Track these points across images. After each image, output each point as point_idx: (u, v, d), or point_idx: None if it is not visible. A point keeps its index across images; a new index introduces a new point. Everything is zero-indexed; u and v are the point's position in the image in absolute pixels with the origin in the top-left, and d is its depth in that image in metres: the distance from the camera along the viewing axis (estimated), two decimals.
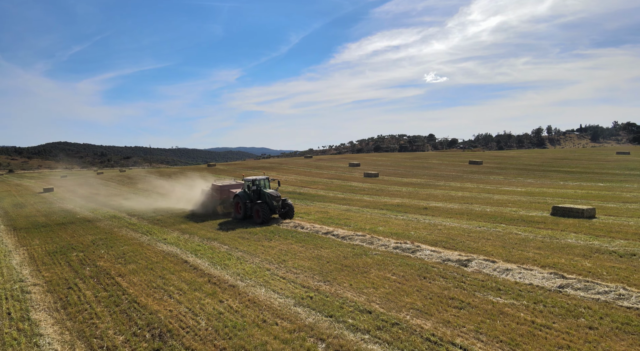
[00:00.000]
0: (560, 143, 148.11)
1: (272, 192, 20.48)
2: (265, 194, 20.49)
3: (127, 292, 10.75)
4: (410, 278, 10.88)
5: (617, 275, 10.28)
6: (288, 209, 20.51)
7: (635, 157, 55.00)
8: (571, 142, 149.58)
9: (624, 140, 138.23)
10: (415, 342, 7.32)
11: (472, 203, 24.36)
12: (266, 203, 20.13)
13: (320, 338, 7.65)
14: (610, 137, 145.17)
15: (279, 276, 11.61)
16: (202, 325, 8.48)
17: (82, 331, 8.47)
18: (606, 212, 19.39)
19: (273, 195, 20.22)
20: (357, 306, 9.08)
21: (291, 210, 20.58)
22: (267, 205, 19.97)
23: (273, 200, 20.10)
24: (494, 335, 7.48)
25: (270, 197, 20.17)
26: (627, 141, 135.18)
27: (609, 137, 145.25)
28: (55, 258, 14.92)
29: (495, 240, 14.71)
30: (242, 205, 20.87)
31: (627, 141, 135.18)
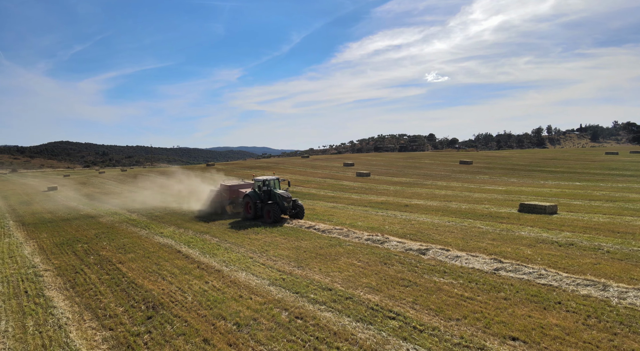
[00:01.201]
0: (560, 143, 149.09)
1: (283, 193, 20.56)
2: (276, 194, 20.50)
3: (126, 276, 12.41)
4: (372, 264, 12.52)
5: (547, 260, 11.92)
6: (299, 210, 20.63)
7: (623, 157, 56.44)
8: (571, 141, 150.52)
9: (623, 140, 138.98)
10: (360, 310, 8.96)
11: (451, 201, 25.97)
12: (277, 204, 20.22)
13: (284, 308, 9.30)
14: (610, 137, 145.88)
15: (259, 263, 13.27)
16: (189, 299, 10.14)
17: (88, 304, 10.15)
18: (569, 208, 20.99)
19: (284, 196, 20.31)
20: (320, 285, 10.73)
21: (302, 210, 20.70)
22: (277, 206, 20.11)
23: (284, 201, 20.20)
24: (426, 304, 9.12)
25: (281, 197, 20.26)
26: (627, 141, 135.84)
27: (609, 136, 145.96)
28: (62, 248, 16.62)
29: (458, 233, 16.34)
30: (252, 205, 20.96)
31: (627, 141, 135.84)
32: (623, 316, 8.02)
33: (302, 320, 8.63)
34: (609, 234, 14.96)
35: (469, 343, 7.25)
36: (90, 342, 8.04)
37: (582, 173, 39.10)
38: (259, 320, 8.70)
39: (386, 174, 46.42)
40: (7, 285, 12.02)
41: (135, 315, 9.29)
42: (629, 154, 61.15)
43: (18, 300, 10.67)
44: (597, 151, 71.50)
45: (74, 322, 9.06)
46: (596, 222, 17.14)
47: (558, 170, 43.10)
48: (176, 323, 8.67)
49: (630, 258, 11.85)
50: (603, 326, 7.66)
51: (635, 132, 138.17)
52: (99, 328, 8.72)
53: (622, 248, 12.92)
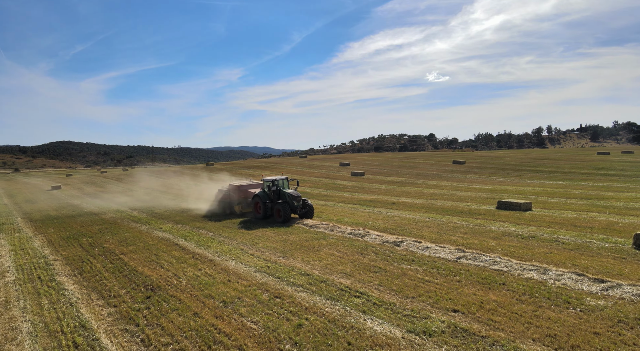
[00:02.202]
0: (560, 142, 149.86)
1: (293, 192, 20.70)
2: (285, 194, 20.68)
3: (128, 264, 13.78)
4: (350, 254, 13.87)
5: (506, 250, 13.26)
6: (308, 209, 20.79)
7: (614, 157, 57.64)
8: (571, 141, 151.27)
9: (623, 140, 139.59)
10: (331, 291, 10.32)
11: (436, 199, 27.29)
12: (287, 203, 20.43)
13: (266, 290, 10.66)
14: (610, 137, 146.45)
15: (248, 253, 14.63)
16: (183, 283, 11.52)
17: (95, 287, 11.53)
18: (544, 205, 22.30)
19: (294, 195, 20.48)
20: (300, 272, 12.09)
21: (311, 210, 20.85)
22: (287, 205, 20.33)
23: (294, 200, 20.36)
24: (389, 286, 10.47)
25: (291, 197, 20.43)
26: (627, 141, 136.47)
27: (609, 136, 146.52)
28: (69, 241, 18.01)
29: (434, 228, 17.68)
30: (262, 204, 21.09)
31: (627, 141, 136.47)
32: (552, 294, 9.36)
33: (280, 298, 9.99)
34: (570, 228, 16.28)
35: (417, 314, 8.60)
36: (97, 316, 9.42)
37: (568, 173, 40.35)
38: (242, 298, 10.07)
39: (380, 173, 47.72)
40: (21, 272, 13.42)
41: (136, 295, 10.67)
42: (620, 154, 62.36)
43: (33, 284, 12.06)
44: (590, 151, 72.69)
45: (83, 301, 10.44)
46: (563, 218, 18.46)
47: (546, 169, 44.35)
48: (171, 301, 10.05)
49: (579, 249, 13.19)
50: (532, 301, 9.01)
51: (635, 131, 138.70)
52: (104, 305, 10.10)
53: (576, 240, 14.26)
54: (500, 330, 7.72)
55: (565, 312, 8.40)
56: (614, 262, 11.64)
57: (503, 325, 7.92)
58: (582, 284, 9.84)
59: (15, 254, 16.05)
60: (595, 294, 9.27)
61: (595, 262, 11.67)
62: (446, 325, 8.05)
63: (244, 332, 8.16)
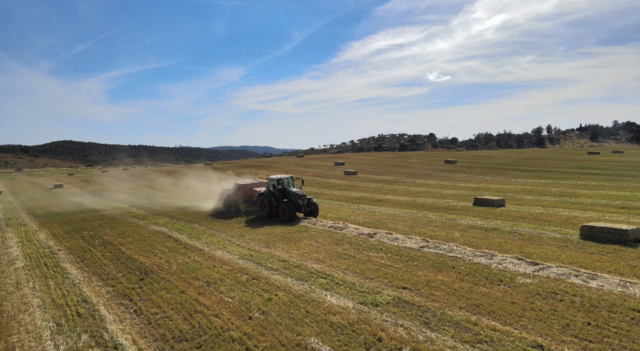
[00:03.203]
0: (559, 142, 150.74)
1: (298, 191, 20.85)
2: (290, 193, 20.82)
3: (125, 253, 15.23)
4: (326, 244, 15.30)
5: (466, 241, 14.68)
6: (313, 208, 20.99)
7: (603, 157, 58.97)
8: (570, 141, 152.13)
9: (622, 140, 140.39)
10: (302, 273, 11.75)
11: (420, 196, 28.71)
12: (292, 202, 20.59)
13: (245, 273, 12.10)
14: (609, 136, 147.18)
15: (235, 244, 16.08)
16: (173, 268, 12.96)
17: (95, 271, 12.98)
18: (518, 202, 23.71)
19: (299, 194, 20.63)
20: (278, 258, 13.52)
21: (316, 208, 21.02)
22: (292, 204, 20.50)
23: (299, 199, 20.51)
24: (354, 270, 11.90)
25: (296, 195, 20.59)
26: (626, 140, 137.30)
27: (608, 136, 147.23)
28: (71, 234, 19.48)
29: (409, 222, 19.10)
30: (267, 203, 21.31)
31: (626, 140, 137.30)
32: (490, 274, 10.79)
33: (257, 280, 11.43)
34: (531, 222, 17.69)
35: (370, 291, 10.03)
36: (97, 293, 10.86)
37: (552, 172, 41.73)
38: (224, 280, 11.51)
39: (373, 173, 49.14)
40: (29, 260, 14.88)
41: (131, 277, 12.11)
42: (609, 154, 63.66)
43: (40, 269, 13.53)
44: (581, 151, 74.03)
45: (85, 282, 11.89)
46: (529, 213, 19.87)
47: (533, 169, 45.73)
48: (161, 282, 11.50)
49: (531, 239, 14.62)
50: (471, 280, 10.44)
51: (635, 131, 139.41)
52: (103, 285, 11.55)
53: (532, 232, 15.68)
54: (436, 302, 9.15)
55: (496, 288, 9.82)
56: (556, 249, 13.06)
57: (440, 298, 9.34)
58: (519, 267, 11.26)
59: (22, 245, 17.52)
60: (527, 274, 10.70)
61: (539, 249, 13.09)
62: (392, 298, 9.48)
63: (221, 304, 9.60)
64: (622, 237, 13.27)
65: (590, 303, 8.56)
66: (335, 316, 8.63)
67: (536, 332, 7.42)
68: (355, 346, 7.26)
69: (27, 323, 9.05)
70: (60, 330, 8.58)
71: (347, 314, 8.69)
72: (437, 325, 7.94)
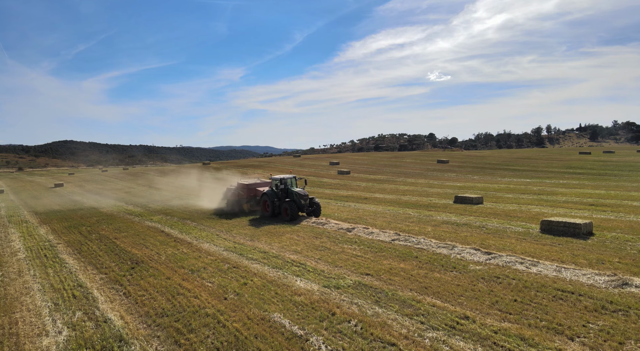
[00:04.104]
0: (559, 142, 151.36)
1: (300, 191, 20.91)
2: (293, 193, 20.87)
3: (119, 246, 16.40)
4: (306, 238, 16.44)
5: (436, 234, 15.81)
6: (315, 207, 20.94)
7: (594, 157, 59.93)
8: (570, 141, 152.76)
9: (622, 139, 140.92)
10: (278, 263, 12.90)
11: (406, 194, 29.83)
12: (294, 202, 20.68)
13: (227, 262, 13.25)
14: (609, 136, 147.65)
15: (222, 238, 17.23)
16: (162, 258, 14.12)
17: (90, 261, 14.15)
18: (496, 200, 24.82)
19: (301, 194, 20.67)
20: (260, 250, 14.68)
21: (318, 208, 20.96)
22: (295, 203, 20.58)
23: (301, 199, 20.56)
24: (326, 260, 13.04)
25: (299, 195, 20.64)
26: (626, 140, 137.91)
27: (608, 136, 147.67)
28: (70, 230, 20.66)
29: (388, 218, 20.24)
30: (270, 203, 21.34)
31: (626, 140, 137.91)
32: (447, 263, 11.93)
33: (237, 268, 12.58)
34: (501, 218, 18.81)
35: (336, 277, 11.18)
36: (91, 280, 12.02)
37: (539, 172, 42.81)
38: (207, 268, 12.67)
39: (366, 172, 50.25)
40: (30, 252, 16.06)
41: (123, 266, 13.28)
42: (601, 154, 64.64)
43: (40, 260, 14.70)
44: (573, 151, 75.04)
45: (81, 270, 13.06)
46: (503, 210, 20.99)
47: (521, 168, 46.81)
48: (150, 270, 12.66)
49: (495, 233, 15.75)
50: (429, 268, 11.58)
51: (635, 131, 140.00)
52: (97, 273, 12.71)
53: (498, 227, 16.81)
54: (392, 285, 10.29)
55: (448, 274, 10.96)
56: (514, 241, 14.19)
57: (396, 282, 10.49)
58: (474, 256, 12.40)
59: (24, 239, 18.70)
60: (479, 262, 11.83)
61: (499, 241, 14.23)
62: (353, 282, 10.63)
63: (201, 288, 10.76)
64: (576, 230, 14.39)
65: (523, 285, 9.70)
66: (300, 297, 9.77)
67: (468, 307, 8.56)
68: (311, 319, 8.40)
69: (29, 303, 10.22)
70: (57, 308, 9.74)
71: (311, 295, 9.84)
72: (386, 303, 9.08)
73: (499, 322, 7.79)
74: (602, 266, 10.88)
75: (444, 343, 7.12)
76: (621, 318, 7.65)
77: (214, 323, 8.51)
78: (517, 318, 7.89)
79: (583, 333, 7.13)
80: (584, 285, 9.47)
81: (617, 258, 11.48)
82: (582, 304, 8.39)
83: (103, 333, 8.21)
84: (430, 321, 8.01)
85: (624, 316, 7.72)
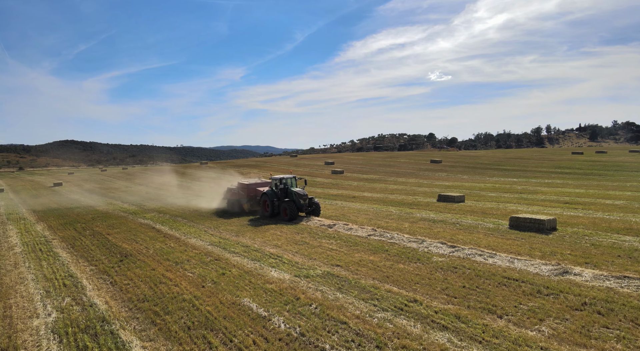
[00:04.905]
0: (558, 142, 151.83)
1: (299, 191, 20.90)
2: (292, 192, 20.90)
3: (110, 241, 17.27)
4: (288, 233, 17.31)
5: (412, 230, 16.67)
6: (315, 207, 20.98)
7: (586, 157, 60.71)
8: (570, 141, 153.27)
9: (621, 139, 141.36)
10: (257, 255, 13.77)
11: (394, 193, 30.67)
12: (293, 202, 20.67)
13: (210, 255, 14.12)
14: (608, 136, 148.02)
15: (209, 233, 18.10)
16: (150, 252, 15.00)
17: (82, 255, 15.03)
18: (478, 199, 25.66)
19: (300, 194, 20.67)
20: (242, 245, 15.55)
21: (317, 208, 21.01)
22: (294, 204, 20.59)
23: (300, 199, 20.56)
24: (302, 253, 13.90)
25: (298, 195, 20.64)
26: (625, 140, 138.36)
27: (608, 136, 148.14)
28: (65, 226, 21.54)
29: (371, 215, 21.09)
30: (269, 203, 21.31)
31: (625, 140, 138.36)
32: (414, 255, 12.79)
33: (218, 260, 13.46)
34: (477, 215, 19.67)
35: (308, 267, 12.04)
36: (82, 271, 12.90)
37: (528, 171, 43.64)
38: (190, 260, 13.54)
39: (359, 172, 51.10)
40: (27, 246, 16.95)
41: (112, 259, 14.16)
42: (593, 154, 65.41)
43: (35, 253, 15.59)
44: (564, 151, 75.88)
45: (73, 263, 13.94)
46: (481, 208, 21.84)
47: (511, 168, 47.64)
48: (137, 262, 13.54)
49: (467, 229, 16.60)
50: (395, 260, 12.44)
51: (635, 131, 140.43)
52: (88, 265, 13.59)
53: (472, 223, 17.66)
54: (357, 275, 11.15)
55: (412, 265, 11.82)
56: (482, 236, 15.05)
57: (361, 272, 11.35)
58: (440, 249, 13.26)
59: (21, 235, 19.60)
60: (443, 255, 12.69)
61: (468, 236, 15.09)
62: (323, 272, 11.49)
63: (182, 277, 11.63)
64: (540, 226, 15.25)
65: (475, 274, 10.56)
66: (271, 284, 10.64)
67: (420, 293, 9.43)
68: (277, 304, 9.27)
69: (22, 291, 11.10)
70: (48, 295, 10.63)
71: (281, 283, 10.71)
72: (347, 290, 9.95)
73: (443, 304, 8.65)
74: (553, 257, 11.74)
75: (389, 321, 7.98)
76: (550, 300, 8.51)
77: (189, 306, 9.38)
78: (460, 301, 8.75)
79: (512, 312, 7.99)
80: (530, 274, 10.33)
81: (569, 251, 12.34)
82: (521, 289, 9.25)
83: (88, 315, 9.09)
84: (382, 304, 8.87)
85: (553, 299, 8.58)
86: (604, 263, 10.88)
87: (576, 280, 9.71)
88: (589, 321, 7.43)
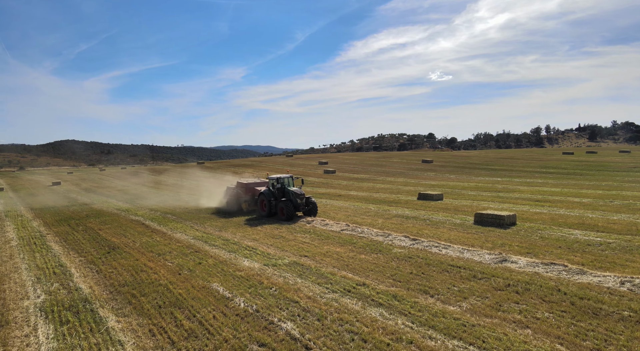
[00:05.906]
0: (558, 142, 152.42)
1: (296, 190, 20.87)
2: (289, 192, 20.94)
3: (101, 236, 18.38)
4: (268, 229, 18.37)
5: (384, 226, 17.75)
6: (312, 207, 21.08)
7: (576, 157, 61.74)
8: (569, 141, 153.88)
9: (620, 139, 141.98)
10: (234, 247, 14.86)
11: (378, 192, 31.76)
12: (290, 201, 20.69)
13: (191, 248, 15.22)
14: (608, 136, 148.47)
15: (195, 229, 19.20)
16: (136, 245, 16.10)
17: (73, 248, 16.14)
18: (457, 197, 26.74)
19: (297, 193, 20.69)
20: (223, 238, 16.65)
21: (314, 207, 21.09)
22: (291, 203, 20.62)
23: (297, 198, 20.58)
24: (277, 246, 14.99)
25: (295, 194, 20.68)
26: (624, 140, 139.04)
27: (607, 136, 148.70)
28: (60, 223, 22.66)
29: (350, 212, 22.18)
30: (267, 202, 21.41)
31: (624, 140, 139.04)
32: (377, 247, 13.87)
33: (198, 252, 14.56)
34: (449, 212, 20.74)
35: (278, 258, 13.13)
36: (71, 261, 14.01)
37: (514, 171, 44.71)
38: (172, 252, 14.64)
39: (351, 171, 52.19)
40: (22, 240, 18.07)
41: (100, 251, 15.27)
42: (584, 154, 66.43)
43: (30, 246, 16.71)
44: (555, 151, 76.95)
45: (64, 254, 15.05)
46: (455, 205, 22.92)
47: (499, 168, 48.71)
48: (123, 254, 14.65)
49: (435, 224, 17.69)
50: (360, 251, 13.53)
51: (634, 131, 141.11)
52: (77, 256, 14.70)
53: (441, 219, 18.75)
54: (320, 264, 12.24)
55: (372, 256, 12.91)
56: (446, 231, 16.14)
57: (324, 262, 12.44)
58: (402, 242, 14.35)
59: (18, 230, 20.71)
60: (404, 246, 13.78)
61: (433, 231, 16.17)
62: (290, 262, 12.59)
63: (162, 266, 12.73)
64: (500, 221, 16.34)
65: (426, 262, 11.65)
66: (241, 272, 11.74)
67: (371, 278, 10.52)
68: (242, 287, 10.37)
69: (16, 278, 12.21)
70: (39, 281, 11.73)
71: (250, 271, 11.81)
72: (307, 276, 11.04)
73: (387, 287, 9.74)
74: (501, 248, 12.82)
75: (336, 300, 9.07)
76: (480, 283, 9.60)
77: (163, 290, 10.48)
78: (403, 285, 9.84)
79: (442, 293, 9.09)
80: (473, 262, 11.42)
81: (518, 243, 13.43)
82: (460, 274, 10.34)
83: (72, 297, 10.20)
84: (334, 287, 9.97)
85: (484, 282, 9.68)
86: (543, 253, 11.97)
87: (511, 266, 10.80)
88: (504, 299, 8.53)
